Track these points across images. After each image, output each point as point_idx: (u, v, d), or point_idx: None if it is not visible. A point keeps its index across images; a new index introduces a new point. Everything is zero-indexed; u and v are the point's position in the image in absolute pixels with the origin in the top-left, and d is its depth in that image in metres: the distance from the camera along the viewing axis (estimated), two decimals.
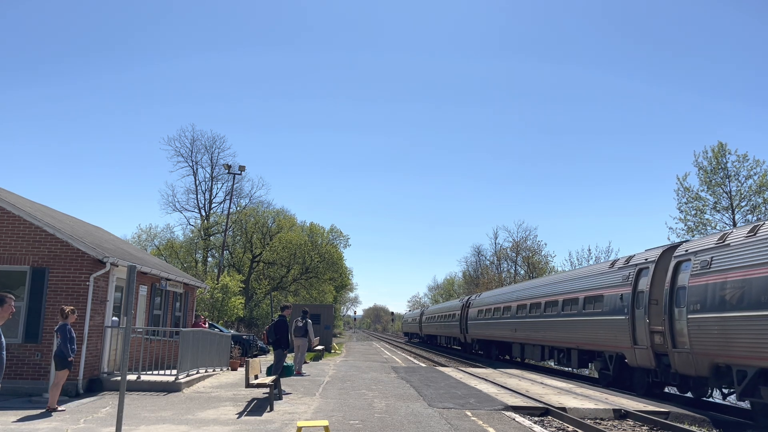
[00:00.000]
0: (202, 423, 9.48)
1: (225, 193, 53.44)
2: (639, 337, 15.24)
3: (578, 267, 22.60)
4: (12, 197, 14.62)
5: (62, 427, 8.95)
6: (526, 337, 24.60)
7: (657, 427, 10.48)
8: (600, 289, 17.96)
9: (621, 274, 16.84)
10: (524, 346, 25.32)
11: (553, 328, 21.27)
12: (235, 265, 53.55)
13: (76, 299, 12.75)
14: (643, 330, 14.99)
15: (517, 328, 25.84)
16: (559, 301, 21.10)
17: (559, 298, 21.30)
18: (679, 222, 34.04)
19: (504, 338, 28.57)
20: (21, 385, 12.30)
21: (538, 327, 23.07)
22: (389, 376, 18.42)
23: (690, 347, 12.84)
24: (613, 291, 16.96)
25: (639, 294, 15.53)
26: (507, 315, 27.69)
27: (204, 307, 34.55)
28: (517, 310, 26.09)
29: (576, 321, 19.31)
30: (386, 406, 11.62)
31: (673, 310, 13.63)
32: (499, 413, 11.05)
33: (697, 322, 12.55)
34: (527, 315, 24.53)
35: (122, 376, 7.82)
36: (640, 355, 15.20)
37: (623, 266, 16.99)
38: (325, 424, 7.69)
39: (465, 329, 37.51)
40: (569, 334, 19.87)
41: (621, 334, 16.10)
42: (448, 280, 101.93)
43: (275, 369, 15.10)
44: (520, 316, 25.49)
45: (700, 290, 12.60)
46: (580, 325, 18.98)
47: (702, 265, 12.80)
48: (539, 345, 23.27)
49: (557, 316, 21.02)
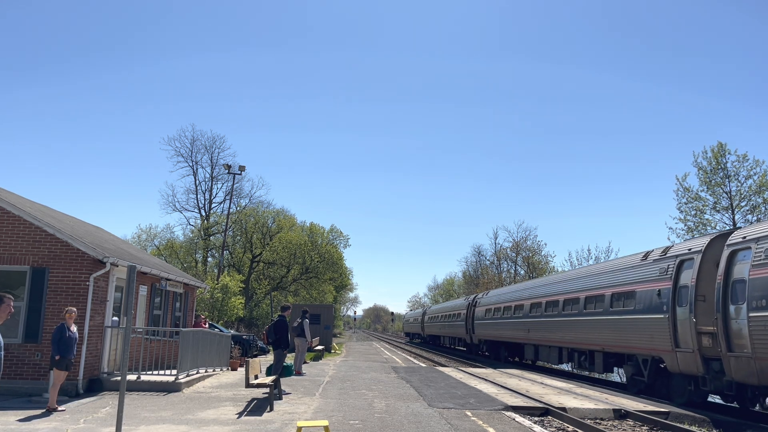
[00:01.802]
0: (202, 423, 9.48)
1: (225, 193, 53.48)
2: (682, 338, 13.48)
3: (603, 261, 19.82)
4: (12, 197, 14.61)
5: (62, 427, 8.95)
6: (541, 338, 23.09)
7: (657, 427, 10.48)
8: (631, 285, 16.18)
9: (657, 267, 15.06)
10: (538, 347, 23.89)
11: (574, 328, 19.69)
12: (235, 265, 53.54)
13: (76, 299, 12.75)
14: (687, 331, 13.21)
15: (531, 328, 24.23)
16: (581, 299, 19.40)
17: (580, 295, 19.60)
18: (679, 222, 34.10)
19: (515, 339, 26.98)
20: (21, 385, 12.31)
21: (555, 327, 21.48)
22: (389, 376, 18.42)
23: (752, 351, 11.11)
24: (648, 286, 15.25)
25: (681, 289, 13.79)
26: (519, 314, 26.15)
27: (204, 307, 34.55)
28: (531, 309, 24.49)
29: (601, 320, 17.64)
30: (386, 406, 11.63)
31: (728, 308, 11.98)
32: (499, 413, 11.05)
33: (763, 321, 10.92)
34: (542, 314, 22.87)
35: (122, 376, 7.82)
36: (684, 359, 13.33)
37: (660, 258, 15.21)
38: (325, 424, 7.69)
39: (471, 329, 36.14)
40: (593, 334, 18.17)
41: (658, 335, 14.38)
42: (448, 280, 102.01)
43: (275, 369, 15.09)
44: (534, 315, 23.91)
45: (766, 283, 10.97)
46: (606, 325, 17.31)
47: (767, 254, 11.17)
48: (556, 347, 21.74)
49: (578, 315, 19.37)
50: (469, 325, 36.67)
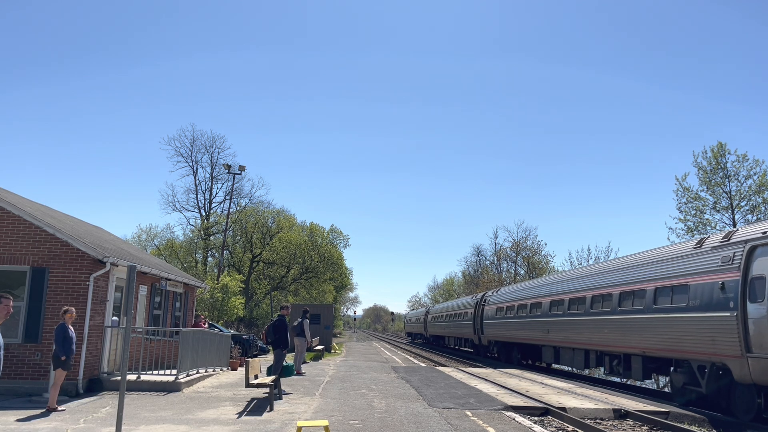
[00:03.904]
0: (202, 423, 9.48)
1: (225, 193, 53.57)
2: (756, 341, 11.22)
3: (646, 250, 16.81)
4: (12, 197, 14.62)
5: (62, 426, 8.96)
6: (564, 339, 20.91)
7: (657, 427, 10.49)
8: (682, 277, 13.87)
9: (718, 256, 12.91)
10: (559, 349, 21.80)
11: (605, 328, 17.46)
12: (235, 265, 53.57)
13: (76, 299, 12.76)
14: (765, 332, 11.09)
15: (551, 328, 22.08)
16: (614, 295, 17.18)
17: (613, 290, 17.35)
18: (679, 222, 34.15)
19: (531, 340, 24.66)
20: (21, 385, 12.32)
21: (581, 327, 19.27)
22: (389, 375, 18.43)
23: None
24: (706, 278, 13.07)
25: (755, 281, 11.55)
26: (536, 313, 23.96)
27: (204, 307, 34.58)
28: (551, 307, 22.36)
29: (642, 319, 15.30)
30: (386, 406, 11.63)
31: None
32: (499, 413, 11.05)
33: None
34: (565, 312, 20.79)
35: (122, 376, 7.82)
36: (759, 367, 11.04)
37: (721, 245, 13.04)
38: (325, 424, 7.69)
39: (480, 329, 34.04)
40: (630, 336, 15.91)
41: (722, 337, 12.15)
42: (448, 280, 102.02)
43: (275, 369, 15.10)
44: (555, 314, 21.83)
45: None
46: (648, 325, 14.98)
47: None
48: (581, 349, 19.56)
49: (611, 313, 17.16)
50: (477, 325, 34.87)
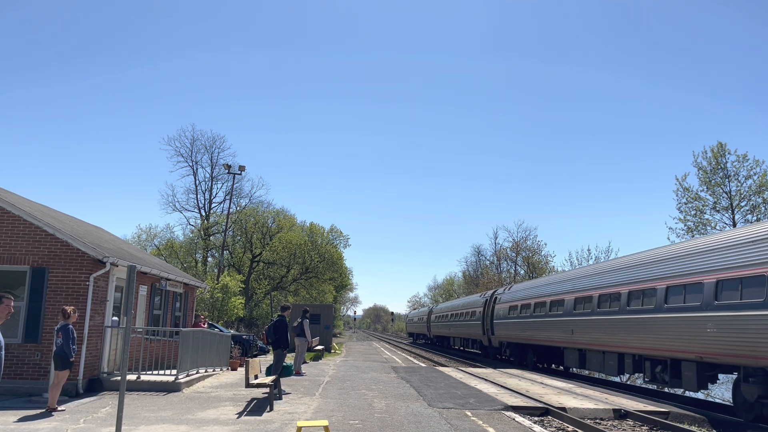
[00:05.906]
0: (202, 423, 9.48)
1: (225, 193, 53.55)
2: None
3: (694, 238, 13.02)
4: (12, 197, 14.62)
5: (62, 427, 8.96)
6: (592, 341, 18.77)
7: (657, 427, 10.49)
8: (753, 267, 11.72)
9: None
10: (585, 352, 19.72)
11: (647, 328, 15.30)
12: (235, 265, 53.57)
13: (76, 299, 12.76)
14: None
15: (576, 328, 19.92)
16: (658, 290, 14.96)
17: (657, 285, 15.11)
18: (679, 222, 34.18)
19: (551, 342, 22.38)
20: (21, 385, 12.31)
21: (615, 327, 17.09)
22: (389, 376, 18.44)
23: None
24: None
25: None
26: (558, 311, 21.84)
27: (204, 307, 34.58)
28: (576, 305, 20.23)
29: (699, 318, 13.14)
30: (386, 406, 11.63)
31: None
32: (499, 413, 11.06)
33: None
34: (594, 311, 18.62)
35: (122, 376, 7.82)
36: None
37: None
38: (325, 424, 7.69)
39: (489, 330, 31.88)
40: (682, 338, 13.80)
41: None
42: (448, 280, 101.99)
43: (275, 369, 15.10)
44: (582, 313, 19.64)
45: None
46: (708, 325, 12.82)
47: None
48: (614, 352, 17.42)
49: (655, 311, 14.97)
50: (486, 325, 32.72)
